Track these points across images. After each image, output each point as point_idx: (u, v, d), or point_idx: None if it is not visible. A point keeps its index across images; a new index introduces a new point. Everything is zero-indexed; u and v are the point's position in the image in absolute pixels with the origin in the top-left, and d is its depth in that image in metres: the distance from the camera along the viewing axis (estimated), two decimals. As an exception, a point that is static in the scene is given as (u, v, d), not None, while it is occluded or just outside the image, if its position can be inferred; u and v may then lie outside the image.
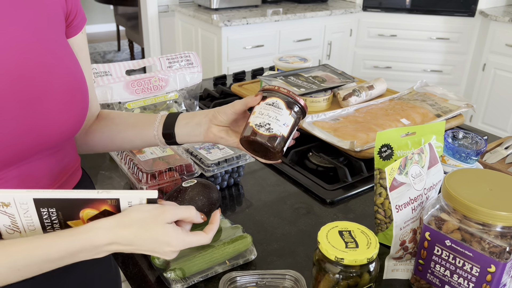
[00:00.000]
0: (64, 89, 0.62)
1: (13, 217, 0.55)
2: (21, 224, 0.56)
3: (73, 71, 0.65)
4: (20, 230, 0.57)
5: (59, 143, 0.65)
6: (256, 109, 0.71)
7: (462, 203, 0.61)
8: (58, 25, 0.64)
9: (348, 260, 0.59)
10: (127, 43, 5.08)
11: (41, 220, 0.56)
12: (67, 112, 0.63)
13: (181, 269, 0.69)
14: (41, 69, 0.59)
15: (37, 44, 0.60)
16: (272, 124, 0.69)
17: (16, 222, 0.56)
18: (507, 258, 0.59)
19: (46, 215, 0.56)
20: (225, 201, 0.94)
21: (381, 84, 1.39)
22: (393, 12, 3.13)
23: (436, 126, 0.79)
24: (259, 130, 0.69)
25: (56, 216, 0.56)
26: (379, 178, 0.76)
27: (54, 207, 0.55)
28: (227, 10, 2.94)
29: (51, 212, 0.56)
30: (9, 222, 0.56)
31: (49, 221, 0.57)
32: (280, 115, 0.69)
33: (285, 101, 0.70)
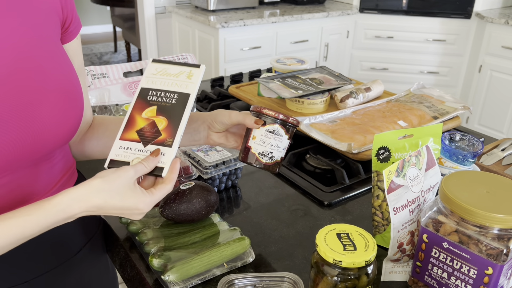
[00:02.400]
0: (58, 95, 0.62)
1: None
2: None
3: (68, 76, 0.65)
4: None
5: (54, 148, 0.65)
6: (256, 134, 0.73)
7: (459, 206, 0.61)
8: (53, 31, 0.64)
9: (346, 262, 0.59)
10: (124, 44, 5.07)
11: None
12: (62, 117, 0.63)
13: (179, 272, 0.68)
14: (36, 74, 0.59)
15: (32, 50, 0.59)
16: (274, 153, 0.74)
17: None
18: (504, 260, 0.59)
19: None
20: (222, 203, 0.94)
21: (378, 86, 1.39)
22: (389, 14, 3.15)
23: (433, 128, 0.79)
24: (262, 160, 0.74)
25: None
26: (377, 180, 0.76)
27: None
28: (224, 12, 2.94)
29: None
30: None
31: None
32: (281, 142, 0.74)
33: (285, 127, 0.73)
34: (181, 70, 0.69)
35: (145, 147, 0.63)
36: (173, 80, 0.68)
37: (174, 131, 0.64)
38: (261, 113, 0.73)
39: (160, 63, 0.70)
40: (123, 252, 0.80)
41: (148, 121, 0.65)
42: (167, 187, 0.62)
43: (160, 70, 0.69)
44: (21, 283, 0.66)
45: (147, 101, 0.67)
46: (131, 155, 0.63)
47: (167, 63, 0.70)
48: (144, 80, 0.69)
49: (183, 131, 0.64)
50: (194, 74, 0.68)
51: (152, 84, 0.68)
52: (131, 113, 0.66)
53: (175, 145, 0.63)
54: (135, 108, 0.66)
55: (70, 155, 0.77)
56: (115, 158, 0.63)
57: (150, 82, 0.68)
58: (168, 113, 0.65)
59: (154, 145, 0.63)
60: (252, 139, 0.74)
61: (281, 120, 0.73)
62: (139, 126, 0.65)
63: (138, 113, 0.66)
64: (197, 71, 0.68)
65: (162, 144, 0.63)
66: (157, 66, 0.70)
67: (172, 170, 0.63)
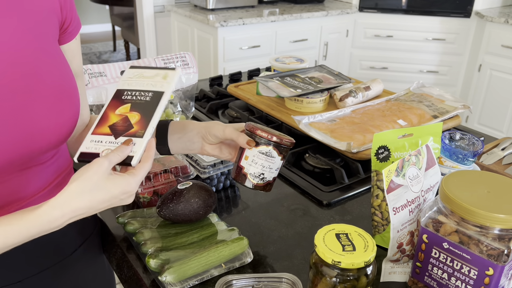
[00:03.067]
0: (54, 96, 0.61)
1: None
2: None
3: (64, 77, 0.65)
4: None
5: (50, 148, 0.65)
6: (249, 154, 0.72)
7: (459, 206, 0.61)
8: (51, 33, 0.64)
9: (345, 263, 0.58)
10: (123, 43, 5.06)
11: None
12: (57, 118, 0.62)
13: (177, 272, 0.68)
14: (31, 76, 0.59)
15: (28, 52, 0.59)
16: (266, 174, 0.74)
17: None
18: (505, 261, 0.58)
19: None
20: (221, 203, 0.93)
21: (378, 85, 1.38)
22: (389, 13, 3.14)
23: (433, 127, 0.78)
24: (253, 180, 0.74)
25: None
26: (376, 180, 0.75)
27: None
28: (223, 11, 2.94)
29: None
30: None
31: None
32: (273, 163, 0.74)
33: (278, 149, 0.73)
34: (157, 72, 0.70)
35: (116, 139, 0.63)
36: (149, 81, 0.69)
37: (146, 124, 0.64)
38: (254, 134, 0.72)
39: (137, 69, 0.72)
40: (120, 253, 0.80)
41: (121, 116, 0.65)
42: (146, 165, 0.61)
43: (136, 74, 0.71)
44: (14, 282, 0.66)
45: (121, 100, 0.68)
46: (101, 147, 0.62)
47: (144, 68, 0.72)
48: (121, 83, 0.70)
49: (155, 123, 0.64)
50: (169, 75, 0.69)
51: (128, 86, 0.69)
52: (105, 110, 0.67)
53: (147, 136, 0.63)
54: (109, 106, 0.67)
55: (68, 155, 0.76)
56: (85, 151, 0.62)
57: (126, 84, 0.70)
58: (142, 108, 0.66)
59: (125, 137, 0.63)
60: (244, 159, 0.73)
61: (274, 142, 0.72)
62: (112, 121, 0.65)
63: (111, 111, 0.66)
64: (172, 73, 0.70)
65: (134, 136, 0.63)
66: (134, 71, 0.71)
67: (148, 148, 0.62)
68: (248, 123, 0.74)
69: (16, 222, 0.53)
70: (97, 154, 0.61)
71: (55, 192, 0.70)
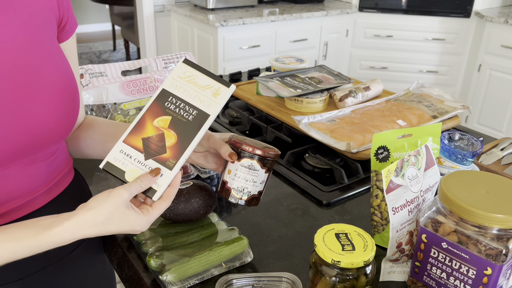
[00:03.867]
0: (54, 92, 0.62)
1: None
2: None
3: (64, 73, 0.65)
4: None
5: (51, 144, 0.65)
6: (231, 168, 0.70)
7: (458, 206, 0.61)
8: (50, 29, 0.64)
9: (345, 263, 0.58)
10: (122, 42, 5.07)
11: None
12: (57, 113, 0.63)
13: (177, 272, 0.68)
14: (31, 72, 0.59)
15: (28, 49, 0.60)
16: (250, 188, 0.71)
17: None
18: (503, 261, 0.59)
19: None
20: (221, 203, 0.93)
21: (378, 85, 1.39)
22: (389, 12, 3.14)
23: (432, 128, 0.79)
24: (237, 195, 0.71)
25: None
26: (376, 180, 0.76)
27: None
28: (223, 10, 2.94)
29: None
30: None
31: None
32: (257, 177, 0.71)
33: (261, 162, 0.70)
34: (210, 83, 0.63)
35: (145, 161, 0.60)
36: (198, 92, 0.63)
37: (180, 153, 0.60)
38: (235, 147, 0.70)
39: (191, 67, 0.64)
40: (120, 252, 0.80)
41: (158, 131, 0.61)
42: (164, 205, 0.60)
43: (188, 75, 0.64)
44: (15, 280, 0.66)
45: (163, 108, 0.62)
46: (128, 164, 0.59)
47: (198, 70, 0.64)
48: (169, 81, 0.64)
49: (189, 155, 0.60)
50: (221, 93, 0.63)
51: (176, 89, 0.63)
52: (143, 115, 0.62)
53: (176, 169, 0.59)
54: (149, 110, 0.62)
55: (67, 153, 0.77)
56: (112, 162, 0.60)
57: (174, 86, 0.63)
58: (181, 130, 0.61)
59: (155, 162, 0.59)
60: (227, 173, 0.71)
61: (257, 155, 0.70)
62: (147, 134, 0.61)
63: (150, 118, 0.61)
64: (225, 90, 0.63)
65: (164, 164, 0.59)
66: (187, 70, 0.64)
67: (173, 184, 0.61)
68: (231, 136, 0.72)
69: (28, 239, 0.54)
70: (122, 172, 0.59)
71: (55, 190, 0.71)
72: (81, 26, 5.92)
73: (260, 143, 0.74)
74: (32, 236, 0.54)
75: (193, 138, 0.60)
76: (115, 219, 0.57)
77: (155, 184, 0.59)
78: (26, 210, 0.66)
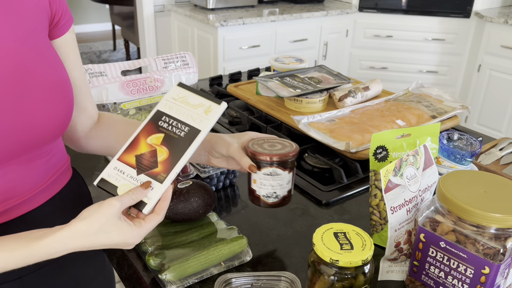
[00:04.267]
0: (45, 90, 0.62)
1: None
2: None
3: (56, 71, 0.65)
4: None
5: (46, 142, 0.65)
6: (256, 177, 0.73)
7: (456, 205, 0.61)
8: (40, 28, 0.64)
9: (343, 262, 0.59)
10: (122, 42, 5.07)
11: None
12: (50, 110, 0.63)
13: (176, 271, 0.68)
14: (22, 71, 0.59)
15: (18, 48, 0.60)
16: (278, 191, 0.74)
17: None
18: (501, 260, 0.59)
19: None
20: (220, 202, 0.93)
21: (377, 85, 1.39)
22: (389, 13, 3.14)
23: (431, 127, 0.79)
24: (268, 201, 0.75)
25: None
26: (374, 179, 0.76)
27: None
28: (223, 10, 2.94)
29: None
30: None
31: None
32: (282, 180, 0.73)
33: (282, 166, 0.72)
34: (201, 102, 0.66)
35: (137, 175, 0.62)
36: (190, 111, 0.66)
37: (171, 167, 0.62)
38: (253, 158, 0.72)
39: (184, 89, 0.68)
40: (120, 251, 0.80)
41: (151, 148, 0.63)
42: (157, 218, 0.61)
43: (181, 96, 0.67)
44: (14, 279, 0.66)
45: (157, 126, 0.65)
46: (121, 180, 0.62)
47: (190, 91, 0.68)
48: (163, 103, 0.67)
49: (180, 169, 0.62)
50: (213, 110, 0.66)
51: (169, 109, 0.66)
52: (138, 134, 0.65)
53: (166, 183, 0.61)
54: (143, 130, 0.65)
55: (64, 152, 0.77)
56: (106, 178, 0.62)
57: (167, 106, 0.67)
58: (173, 145, 0.63)
59: (146, 176, 0.62)
60: (253, 182, 0.74)
61: (276, 161, 0.72)
62: (140, 151, 0.63)
63: (144, 136, 0.65)
64: (216, 108, 0.66)
65: (155, 178, 0.61)
66: (180, 91, 0.68)
67: (164, 198, 0.61)
68: (247, 147, 0.74)
69: (19, 249, 0.54)
70: (114, 187, 0.61)
71: (52, 189, 0.71)
72: (81, 26, 5.93)
73: (275, 141, 0.76)
74: (23, 246, 0.54)
75: (184, 152, 0.63)
76: (107, 230, 0.57)
77: (145, 197, 0.61)
78: (26, 208, 0.67)
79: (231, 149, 0.72)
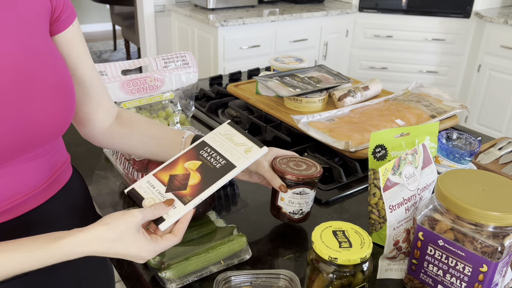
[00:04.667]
0: (46, 88, 0.62)
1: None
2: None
3: (57, 69, 0.65)
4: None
5: (47, 140, 0.66)
6: (284, 196, 0.79)
7: (455, 204, 0.62)
8: (41, 25, 0.64)
9: (342, 259, 0.59)
10: (123, 42, 5.07)
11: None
12: (52, 109, 0.63)
13: (176, 269, 0.69)
14: (23, 70, 0.60)
15: (18, 46, 0.60)
16: (303, 208, 0.81)
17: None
18: (498, 258, 0.59)
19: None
20: (220, 201, 0.94)
21: (376, 85, 1.39)
22: (389, 13, 3.15)
23: (429, 127, 0.79)
24: (294, 217, 0.81)
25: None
26: (373, 178, 0.76)
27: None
28: (224, 10, 2.94)
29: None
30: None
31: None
32: (308, 198, 0.80)
33: (310, 185, 0.79)
34: (244, 142, 0.72)
35: (165, 193, 0.66)
36: (232, 148, 0.71)
37: (198, 192, 0.65)
38: (284, 178, 0.78)
39: (232, 128, 0.74)
40: (120, 249, 0.81)
41: (185, 171, 0.68)
42: (174, 240, 0.63)
43: (228, 133, 0.73)
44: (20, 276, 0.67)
45: (197, 154, 0.70)
46: (149, 193, 0.66)
47: (237, 130, 0.74)
48: (210, 136, 0.73)
49: (205, 197, 0.65)
50: (252, 151, 0.70)
51: (213, 142, 0.72)
52: (178, 157, 0.71)
53: (190, 206, 0.64)
54: (185, 154, 0.70)
55: (64, 151, 0.77)
56: (137, 189, 0.67)
57: (213, 139, 0.73)
58: (206, 174, 0.67)
59: (173, 195, 0.65)
60: (280, 200, 0.79)
61: (305, 182, 0.77)
62: (175, 172, 0.68)
63: (183, 160, 0.70)
64: (256, 149, 0.71)
65: (180, 198, 0.65)
66: (228, 129, 0.74)
67: (183, 220, 0.64)
68: (275, 166, 0.78)
69: (37, 250, 0.54)
70: (141, 199, 0.65)
71: (55, 186, 0.71)
72: (81, 25, 5.93)
73: (298, 159, 0.81)
74: (40, 247, 0.55)
75: (215, 183, 0.66)
76: (125, 239, 0.58)
77: (166, 214, 0.63)
78: (28, 207, 0.67)
79: (261, 168, 0.75)
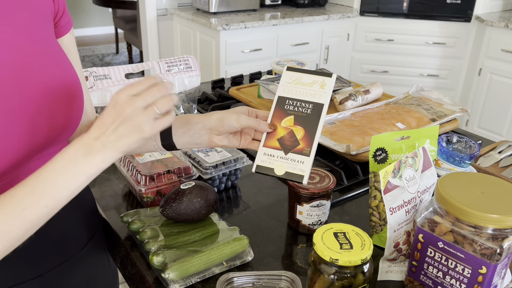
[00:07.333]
0: (59, 88, 0.63)
1: None
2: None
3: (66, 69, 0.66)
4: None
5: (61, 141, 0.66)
6: (302, 210, 0.82)
7: (454, 206, 0.62)
8: (48, 25, 0.65)
9: (343, 261, 0.60)
10: (125, 46, 5.09)
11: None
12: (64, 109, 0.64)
13: (179, 270, 0.70)
14: (37, 68, 0.60)
15: (31, 45, 0.60)
16: (322, 219, 0.84)
17: None
18: (498, 260, 0.60)
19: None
20: (222, 203, 0.95)
21: (377, 88, 1.40)
22: (390, 17, 3.16)
23: (430, 130, 0.80)
24: (313, 228, 0.84)
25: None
26: (374, 181, 0.77)
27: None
28: (226, 14, 2.96)
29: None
30: None
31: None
32: (325, 208, 0.84)
33: (326, 197, 0.82)
34: (315, 79, 0.72)
35: (286, 155, 0.68)
36: (307, 89, 0.72)
37: (311, 141, 0.68)
38: (298, 193, 0.81)
39: (294, 72, 0.74)
40: (124, 251, 0.81)
41: (287, 130, 0.70)
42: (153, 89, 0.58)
43: (295, 79, 0.73)
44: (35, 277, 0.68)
45: (284, 110, 0.72)
46: (274, 162, 0.69)
47: (300, 72, 0.74)
48: (281, 89, 0.73)
49: (318, 140, 0.69)
50: (327, 84, 0.72)
51: (288, 93, 0.73)
52: (271, 121, 0.72)
53: (312, 154, 0.67)
54: (274, 116, 0.72)
55: None
56: (261, 164, 0.69)
57: (286, 91, 0.73)
58: (304, 123, 0.70)
59: (294, 154, 0.68)
60: (299, 213, 0.83)
61: (322, 195, 0.81)
62: (279, 135, 0.70)
63: (277, 122, 0.71)
64: (329, 81, 0.72)
65: (301, 153, 0.68)
66: (292, 75, 0.74)
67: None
68: (289, 181, 0.80)
69: (75, 158, 0.54)
70: (271, 169, 0.68)
71: None
72: (84, 29, 5.96)
73: (311, 173, 0.81)
74: (79, 156, 0.54)
75: (317, 126, 0.69)
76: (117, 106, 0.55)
77: (300, 170, 0.67)
78: None
79: (242, 120, 0.71)
